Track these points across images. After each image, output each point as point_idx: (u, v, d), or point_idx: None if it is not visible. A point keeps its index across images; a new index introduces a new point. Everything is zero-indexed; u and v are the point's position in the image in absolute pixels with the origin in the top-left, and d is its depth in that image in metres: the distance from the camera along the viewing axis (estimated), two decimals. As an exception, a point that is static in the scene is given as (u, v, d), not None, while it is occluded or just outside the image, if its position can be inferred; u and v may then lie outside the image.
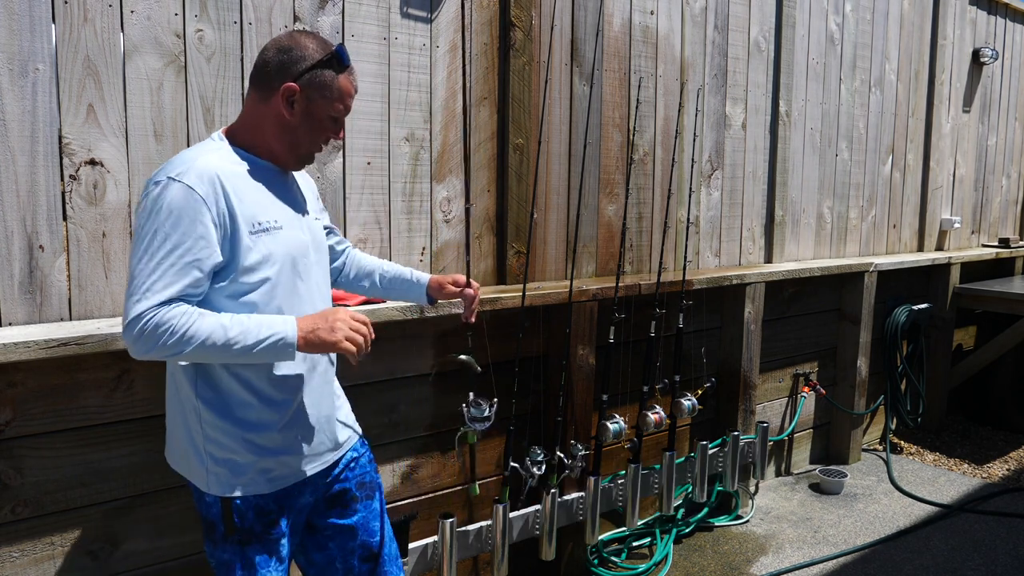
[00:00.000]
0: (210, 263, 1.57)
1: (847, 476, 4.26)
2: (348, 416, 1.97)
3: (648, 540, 3.58)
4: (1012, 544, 3.64)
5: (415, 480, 2.87)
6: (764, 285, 3.92)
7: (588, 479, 3.04)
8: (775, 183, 4.15)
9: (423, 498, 2.89)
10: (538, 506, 2.91)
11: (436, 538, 2.63)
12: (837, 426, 4.70)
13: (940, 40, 5.12)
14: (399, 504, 2.82)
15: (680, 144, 3.60)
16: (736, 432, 3.63)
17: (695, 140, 3.71)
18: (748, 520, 3.85)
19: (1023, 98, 6.12)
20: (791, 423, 4.41)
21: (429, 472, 2.90)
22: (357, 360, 1.68)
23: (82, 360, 2.09)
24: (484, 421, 2.49)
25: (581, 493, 3.07)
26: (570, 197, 3.23)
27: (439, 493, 2.94)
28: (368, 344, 1.68)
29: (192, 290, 1.55)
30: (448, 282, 2.09)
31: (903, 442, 5.09)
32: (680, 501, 3.69)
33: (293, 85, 1.68)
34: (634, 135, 3.46)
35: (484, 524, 2.80)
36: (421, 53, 2.75)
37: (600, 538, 3.27)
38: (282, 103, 1.69)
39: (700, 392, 3.46)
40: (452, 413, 2.87)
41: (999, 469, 4.68)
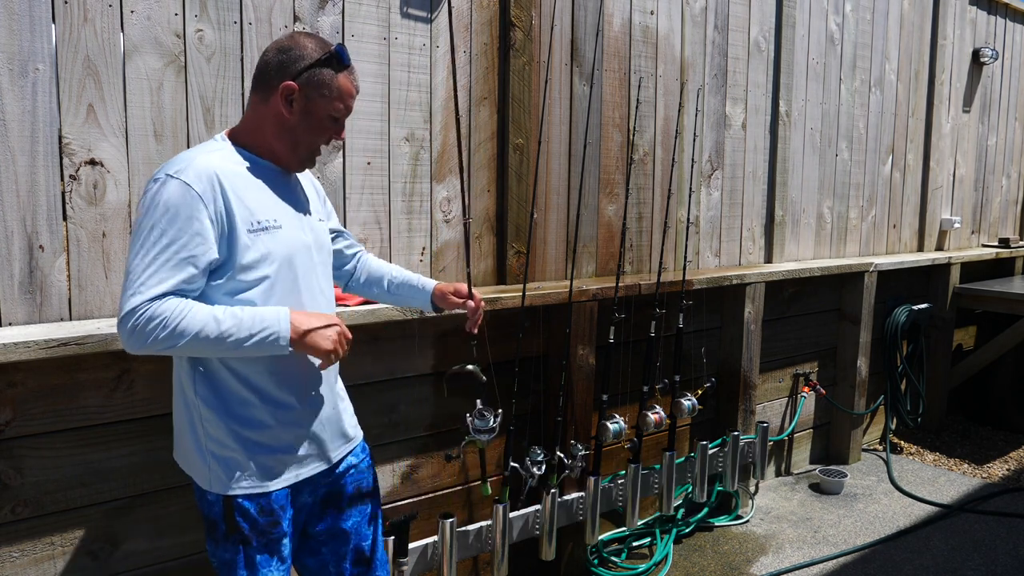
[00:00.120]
0: (205, 259, 1.58)
1: (847, 476, 4.26)
2: (351, 418, 1.97)
3: (648, 540, 3.58)
4: (1012, 544, 3.64)
5: (415, 480, 2.87)
6: (764, 285, 3.92)
7: (588, 479, 3.04)
8: (775, 183, 4.15)
9: (423, 498, 2.89)
10: (538, 506, 2.91)
11: (436, 538, 2.63)
12: (837, 426, 4.70)
13: (940, 40, 5.12)
14: (399, 504, 2.82)
15: (680, 144, 3.60)
16: (736, 432, 3.63)
17: (695, 140, 3.71)
18: (748, 520, 3.85)
19: (1023, 98, 6.12)
20: (791, 423, 4.41)
21: (429, 472, 2.90)
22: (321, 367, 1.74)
23: (82, 360, 2.09)
24: (488, 432, 2.47)
25: (581, 493, 3.07)
26: (570, 197, 3.23)
27: (439, 493, 2.94)
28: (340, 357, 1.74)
29: (187, 286, 1.56)
30: (450, 292, 2.06)
31: (903, 442, 5.09)
32: (680, 501, 3.69)
33: (291, 84, 1.68)
34: (634, 135, 3.46)
35: (484, 524, 2.80)
36: (421, 53, 2.75)
37: (600, 538, 3.27)
38: (281, 102, 1.69)
39: (700, 392, 3.45)
40: (452, 413, 2.88)
41: (999, 469, 4.68)
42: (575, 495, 3.06)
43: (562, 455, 2.93)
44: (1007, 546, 3.62)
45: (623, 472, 3.25)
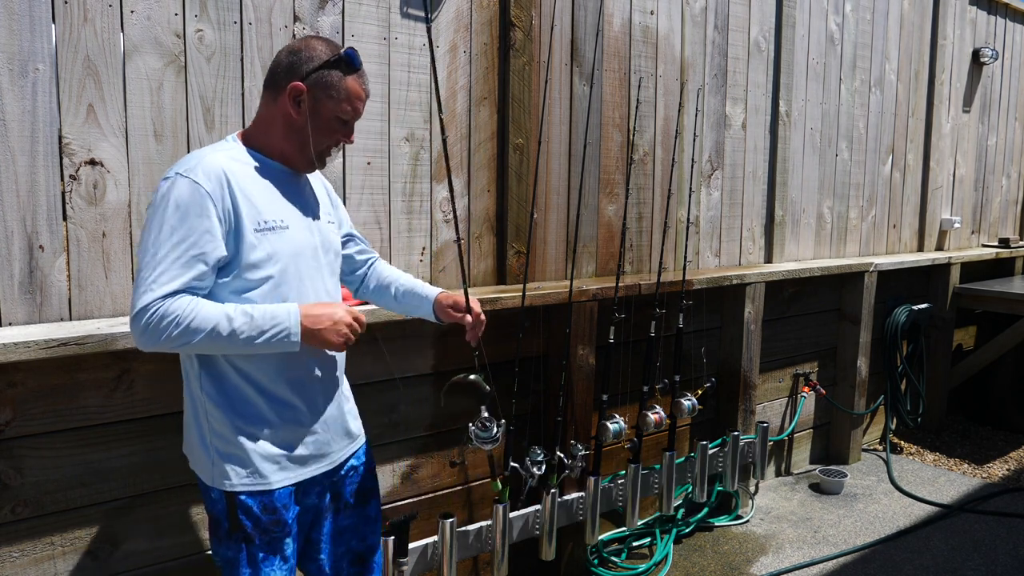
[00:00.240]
0: (215, 257, 1.60)
1: (847, 476, 4.26)
2: (355, 419, 1.97)
3: (648, 540, 3.58)
4: (1012, 544, 3.64)
5: (415, 480, 2.87)
6: (764, 285, 3.92)
7: (588, 479, 3.04)
8: (775, 183, 4.15)
9: (423, 498, 2.89)
10: (538, 506, 2.91)
11: (436, 538, 2.63)
12: (837, 426, 4.70)
13: (940, 40, 5.12)
14: (399, 504, 2.82)
15: (680, 144, 3.60)
16: (736, 432, 3.63)
17: (695, 140, 3.71)
18: (748, 520, 3.85)
19: (1023, 98, 6.12)
20: (791, 423, 4.41)
21: (429, 472, 2.90)
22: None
23: (82, 360, 2.09)
24: (492, 442, 2.45)
25: (581, 493, 3.07)
26: (570, 197, 3.23)
27: (439, 493, 2.94)
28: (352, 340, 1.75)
29: (197, 283, 1.58)
30: (448, 305, 2.02)
31: (903, 442, 5.09)
32: (680, 501, 3.69)
33: (299, 84, 1.70)
34: (634, 135, 3.46)
35: (484, 524, 2.80)
36: (421, 53, 2.75)
37: (600, 538, 3.27)
38: (289, 102, 1.71)
39: (700, 392, 3.45)
40: (452, 413, 2.88)
41: (999, 469, 4.68)
42: (575, 495, 3.06)
43: (562, 455, 2.93)
44: (1007, 546, 3.62)
45: (623, 472, 3.25)
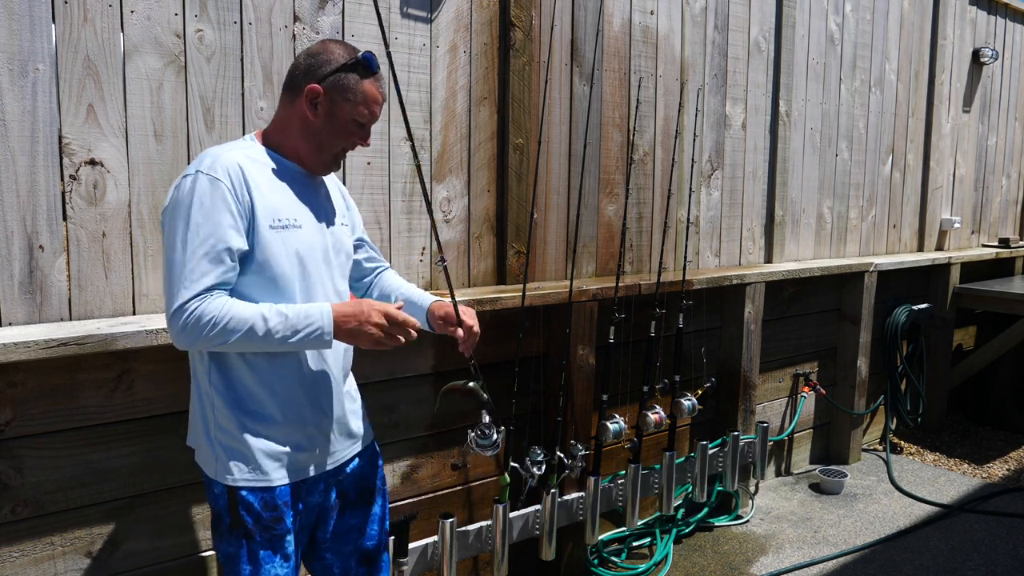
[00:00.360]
0: (239, 250, 1.63)
1: (847, 476, 4.26)
2: (361, 419, 1.97)
3: (648, 540, 3.58)
4: (1012, 544, 3.64)
5: (415, 480, 2.87)
6: (764, 285, 3.92)
7: (588, 479, 3.04)
8: (775, 183, 4.15)
9: (423, 498, 2.89)
10: (538, 506, 2.91)
11: (436, 538, 2.63)
12: (837, 426, 4.70)
13: (940, 40, 5.12)
14: (399, 504, 2.82)
15: (680, 144, 3.60)
16: (736, 432, 3.63)
17: (695, 140, 3.71)
18: (748, 520, 3.85)
19: (1023, 98, 6.12)
20: (791, 423, 4.41)
21: (429, 472, 2.90)
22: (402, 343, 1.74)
23: (82, 360, 2.09)
24: (492, 448, 2.45)
25: (581, 493, 3.07)
26: (570, 197, 3.23)
27: (439, 493, 2.94)
28: (405, 335, 1.72)
29: (227, 276, 1.62)
30: (439, 317, 1.97)
31: (903, 442, 5.09)
32: (680, 501, 3.69)
33: (316, 86, 1.72)
34: (634, 135, 3.46)
35: (484, 524, 2.80)
36: (421, 53, 2.75)
37: (600, 538, 3.26)
38: (306, 104, 1.74)
39: (700, 392, 3.45)
40: (452, 413, 2.88)
41: (999, 469, 4.68)
42: (575, 495, 3.06)
43: (562, 455, 2.93)
44: (1007, 546, 3.62)
45: (623, 472, 3.25)
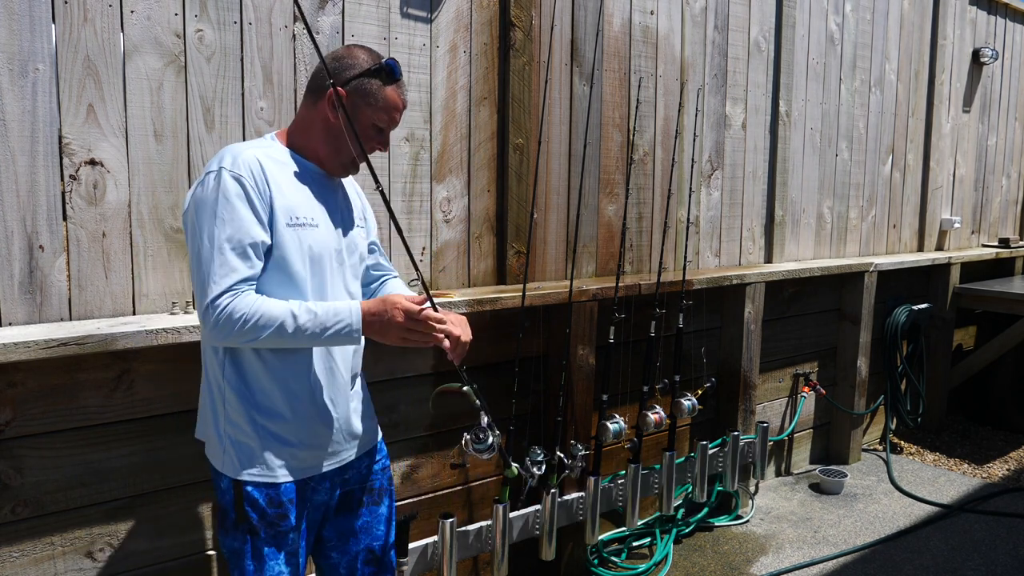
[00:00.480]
0: (264, 244, 1.66)
1: (847, 476, 4.26)
2: (367, 420, 1.97)
3: (648, 540, 3.58)
4: (1012, 544, 3.64)
5: (415, 480, 2.87)
6: (764, 285, 3.92)
7: (588, 479, 3.04)
8: (775, 183, 4.15)
9: (423, 498, 2.89)
10: (538, 506, 2.91)
11: (436, 538, 2.63)
12: (837, 426, 4.70)
13: (940, 40, 5.12)
14: (399, 504, 2.82)
15: (680, 144, 3.60)
16: (736, 432, 3.63)
17: (695, 140, 3.71)
18: (748, 520, 3.85)
19: (1023, 98, 6.12)
20: (791, 423, 4.41)
21: (429, 472, 2.90)
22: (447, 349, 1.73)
23: (82, 360, 2.09)
24: (488, 451, 2.44)
25: (581, 493, 3.07)
26: (570, 197, 3.23)
27: (439, 493, 2.94)
28: (429, 332, 1.70)
29: (255, 270, 1.64)
30: None
31: (903, 442, 5.09)
32: (680, 501, 3.69)
33: (340, 90, 1.74)
34: (634, 135, 3.46)
35: (484, 524, 2.80)
36: (421, 53, 2.75)
37: (600, 538, 3.26)
38: (328, 107, 1.75)
39: (700, 392, 3.45)
40: (452, 413, 2.88)
41: (999, 469, 4.68)
42: (575, 495, 3.06)
43: (562, 455, 2.93)
44: (1007, 546, 3.62)
45: (623, 472, 3.25)
